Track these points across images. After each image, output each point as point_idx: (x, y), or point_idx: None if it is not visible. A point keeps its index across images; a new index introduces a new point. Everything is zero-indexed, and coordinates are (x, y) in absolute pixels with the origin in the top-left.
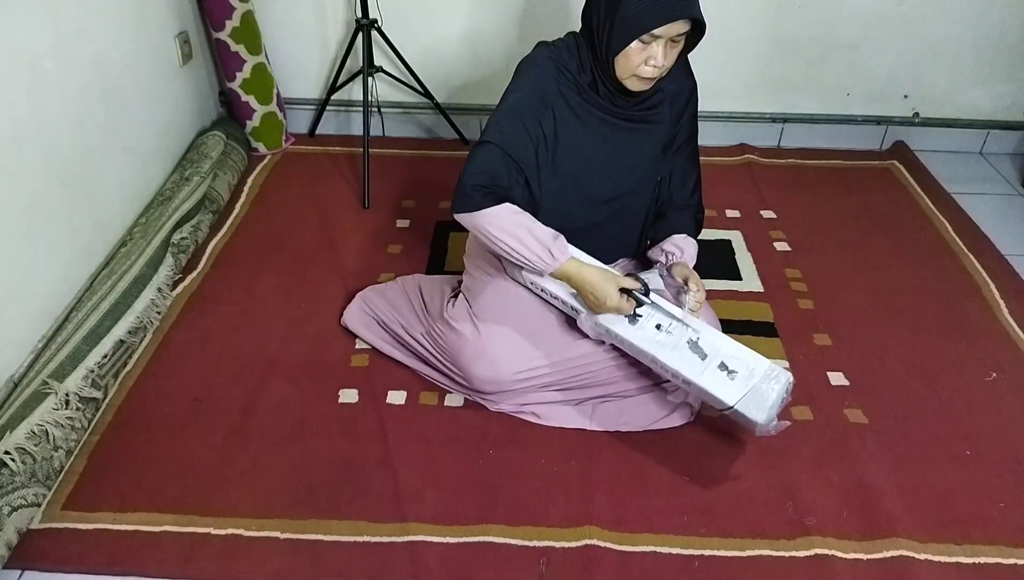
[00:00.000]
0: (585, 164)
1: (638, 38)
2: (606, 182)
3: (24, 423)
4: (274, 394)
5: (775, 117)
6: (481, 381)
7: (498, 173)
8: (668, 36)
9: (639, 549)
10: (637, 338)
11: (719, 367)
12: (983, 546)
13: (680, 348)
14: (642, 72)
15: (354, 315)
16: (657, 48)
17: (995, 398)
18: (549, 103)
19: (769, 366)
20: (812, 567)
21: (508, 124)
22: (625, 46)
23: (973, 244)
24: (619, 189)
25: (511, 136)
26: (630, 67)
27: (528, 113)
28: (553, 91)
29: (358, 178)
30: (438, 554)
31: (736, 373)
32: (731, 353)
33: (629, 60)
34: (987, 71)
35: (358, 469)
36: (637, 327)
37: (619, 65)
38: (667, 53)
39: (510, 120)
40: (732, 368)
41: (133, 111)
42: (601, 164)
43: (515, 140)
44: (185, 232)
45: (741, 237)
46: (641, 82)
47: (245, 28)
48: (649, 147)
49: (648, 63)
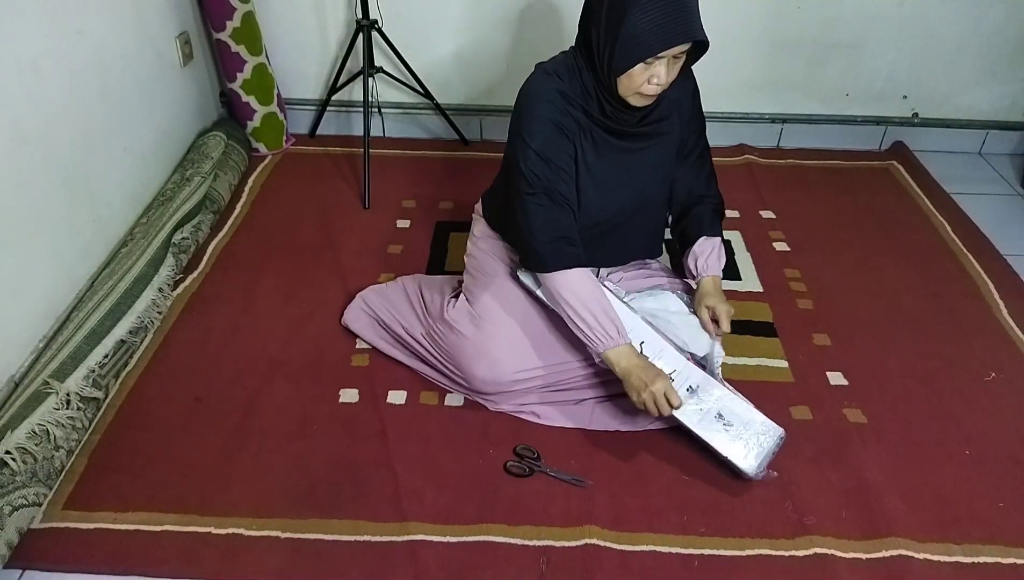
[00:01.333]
0: (602, 188)
1: (643, 61)
2: (623, 201)
3: (25, 423)
4: (275, 394)
5: (775, 117)
6: (481, 381)
7: (559, 220)
8: (671, 55)
9: (639, 549)
10: None
11: (715, 417)
12: (982, 546)
13: (680, 394)
14: (645, 90)
15: (354, 315)
16: (660, 67)
17: (994, 398)
18: (566, 136)
19: (762, 420)
20: (812, 566)
21: (542, 169)
22: (628, 68)
23: (972, 244)
24: (636, 203)
25: (553, 180)
26: (633, 86)
27: (554, 152)
28: (567, 125)
29: (358, 178)
30: (438, 554)
31: (731, 425)
32: (728, 405)
33: (632, 80)
34: (987, 71)
35: (358, 469)
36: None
37: (622, 84)
38: (670, 70)
39: (542, 166)
40: (728, 420)
41: (134, 111)
42: (617, 188)
43: (556, 181)
44: (186, 232)
45: (740, 237)
46: (644, 99)
47: (246, 29)
48: (664, 157)
49: (651, 81)
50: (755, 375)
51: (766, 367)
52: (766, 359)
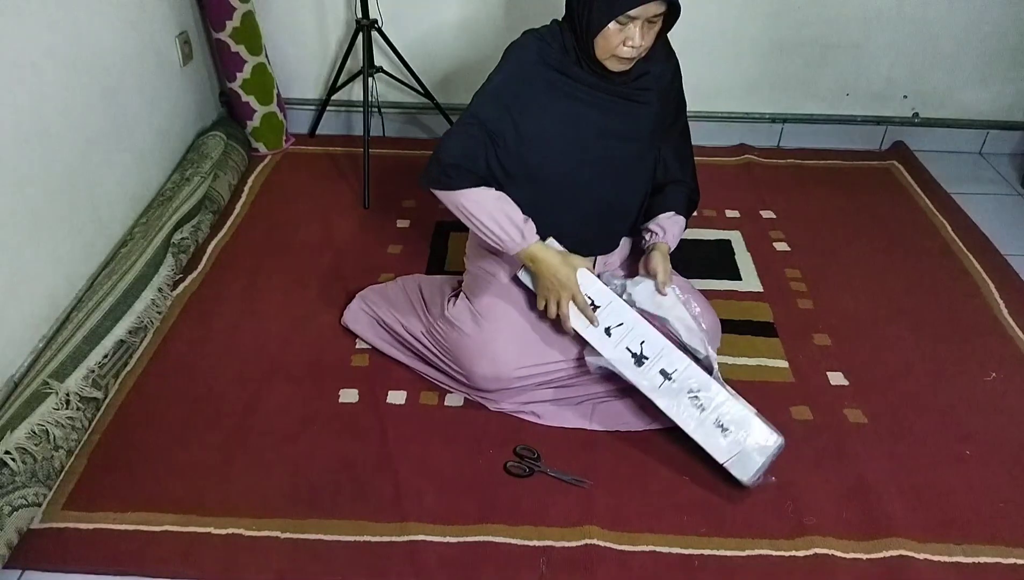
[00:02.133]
0: (576, 124)
1: (615, 19)
2: (593, 158)
3: (25, 423)
4: (274, 394)
5: (775, 117)
6: (483, 378)
7: (476, 156)
8: (644, 17)
9: (639, 549)
10: (640, 383)
11: (714, 424)
12: (982, 546)
13: (680, 397)
14: (621, 52)
15: (354, 315)
16: (634, 29)
17: (995, 398)
18: (531, 78)
19: (760, 427)
20: (812, 566)
21: (490, 104)
22: (603, 27)
23: (973, 244)
24: (609, 167)
25: (494, 117)
26: (609, 48)
27: (509, 92)
28: (537, 67)
29: (358, 178)
30: (438, 554)
31: (729, 431)
32: (728, 411)
33: (608, 41)
34: (987, 71)
35: (358, 469)
36: (642, 372)
37: (598, 46)
38: (644, 34)
39: (493, 100)
40: (727, 427)
41: (134, 111)
42: (593, 125)
43: (497, 120)
44: (186, 232)
45: (741, 237)
46: (621, 62)
47: (245, 28)
48: (642, 123)
49: (626, 44)
50: (755, 375)
51: (766, 367)
52: (766, 359)
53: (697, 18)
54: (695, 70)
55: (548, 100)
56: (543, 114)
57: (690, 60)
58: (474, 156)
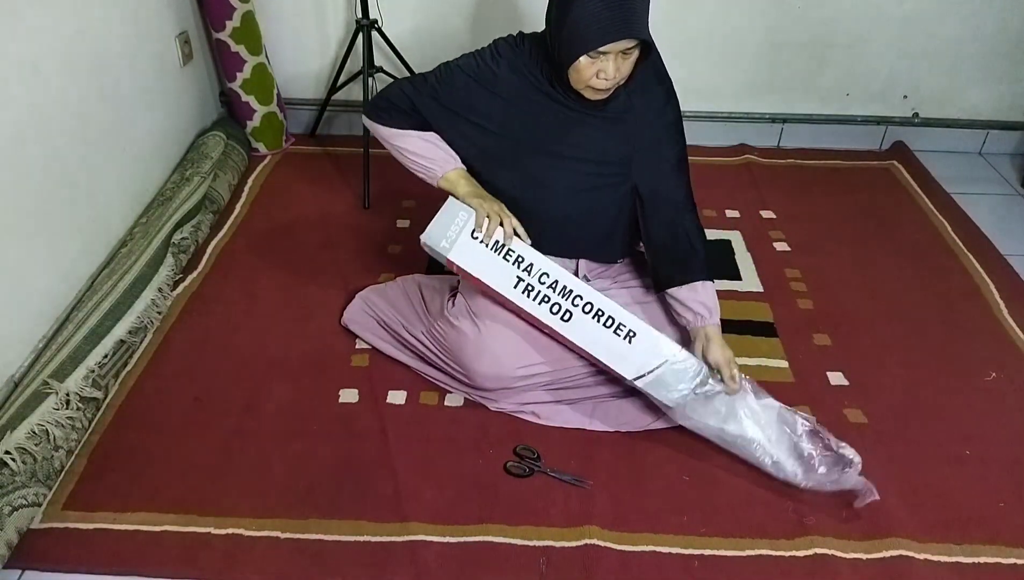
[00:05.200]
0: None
1: (585, 54)
2: (565, 139)
3: (25, 423)
4: (274, 394)
5: (775, 117)
6: (484, 377)
7: (414, 109)
8: (615, 52)
9: (639, 549)
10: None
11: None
12: (982, 546)
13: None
14: (594, 84)
15: (354, 315)
16: (607, 63)
17: (995, 398)
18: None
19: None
20: (812, 567)
21: (441, 88)
22: (574, 60)
23: (973, 244)
24: (569, 174)
25: (443, 95)
26: (582, 80)
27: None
28: (497, 82)
29: (358, 178)
30: (438, 554)
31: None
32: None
33: (580, 73)
34: (987, 71)
35: (358, 469)
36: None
37: (572, 78)
38: (619, 66)
39: (443, 86)
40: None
41: (133, 111)
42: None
43: (447, 97)
44: (186, 232)
45: (741, 237)
46: (596, 92)
47: (245, 28)
48: (606, 140)
49: (599, 76)
50: (755, 375)
51: (766, 367)
52: (766, 359)
53: (697, 18)
54: (695, 70)
55: (512, 95)
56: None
57: (690, 60)
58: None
